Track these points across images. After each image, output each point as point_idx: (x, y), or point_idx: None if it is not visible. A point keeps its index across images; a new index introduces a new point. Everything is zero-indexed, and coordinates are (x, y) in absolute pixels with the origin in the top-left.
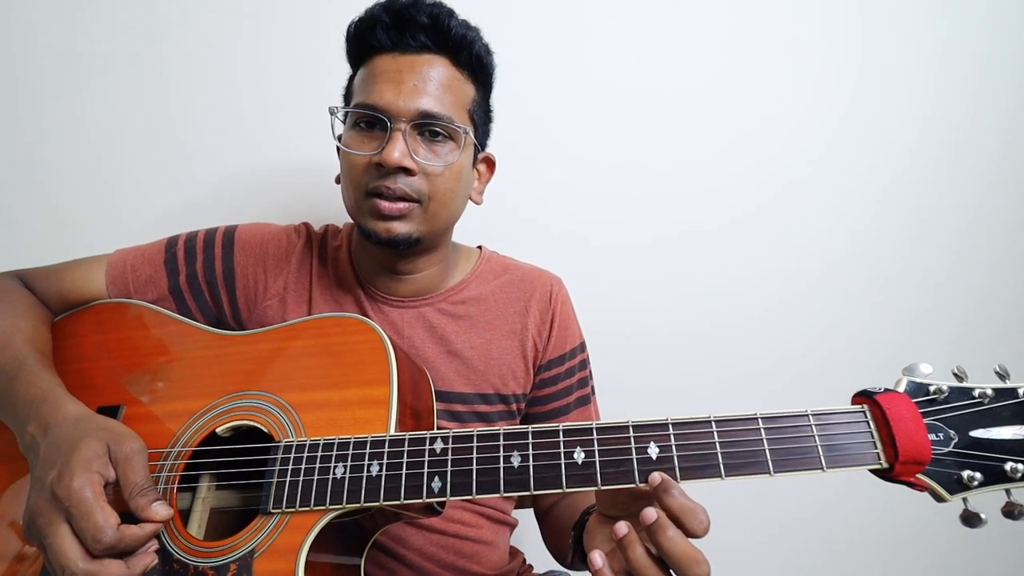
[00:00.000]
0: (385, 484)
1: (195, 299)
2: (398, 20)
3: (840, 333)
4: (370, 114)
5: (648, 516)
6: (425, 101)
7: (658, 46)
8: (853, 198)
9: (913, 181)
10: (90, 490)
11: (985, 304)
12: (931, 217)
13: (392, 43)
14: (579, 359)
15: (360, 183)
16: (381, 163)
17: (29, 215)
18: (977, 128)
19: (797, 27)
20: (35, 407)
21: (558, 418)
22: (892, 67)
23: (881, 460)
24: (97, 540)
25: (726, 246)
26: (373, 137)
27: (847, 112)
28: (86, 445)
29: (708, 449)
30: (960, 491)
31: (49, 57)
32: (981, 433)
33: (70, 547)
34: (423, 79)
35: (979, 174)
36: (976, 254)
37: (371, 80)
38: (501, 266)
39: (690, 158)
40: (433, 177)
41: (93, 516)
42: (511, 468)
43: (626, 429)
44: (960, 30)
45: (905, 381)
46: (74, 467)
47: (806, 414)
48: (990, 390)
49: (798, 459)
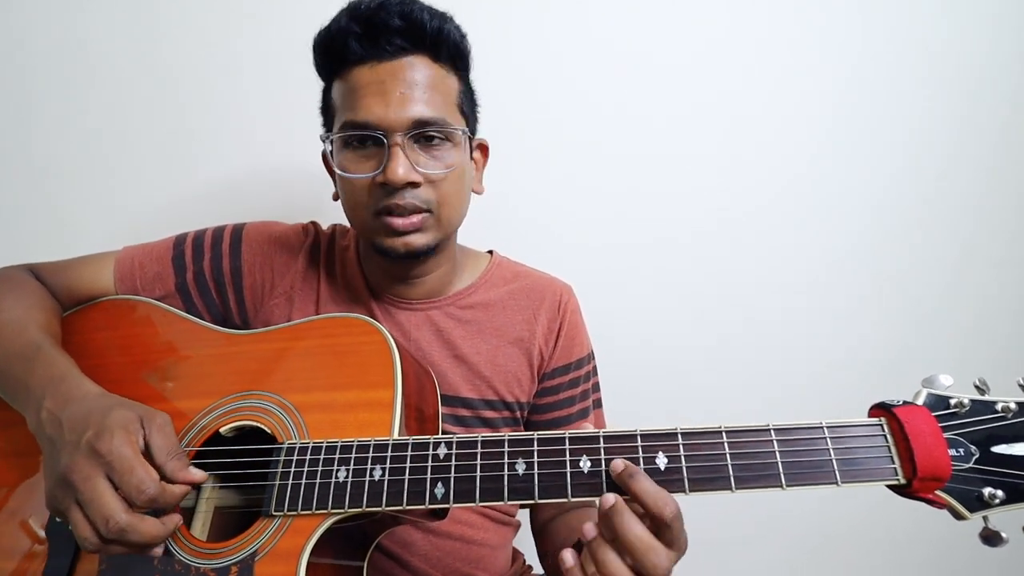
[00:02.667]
0: (388, 489)
1: (202, 297)
2: (369, 28)
3: (850, 335)
4: (363, 133)
5: (605, 502)
6: (416, 108)
7: (666, 46)
8: (864, 199)
9: (918, 180)
10: (130, 448)
11: (998, 303)
12: (945, 217)
13: (367, 53)
14: (585, 370)
15: (366, 204)
16: (386, 183)
17: (32, 215)
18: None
19: (800, 27)
20: (53, 385)
21: (559, 428)
22: (904, 68)
23: (899, 476)
24: (141, 491)
25: (735, 248)
26: (368, 155)
27: (875, 112)
28: (120, 411)
29: (718, 460)
30: (981, 509)
31: (51, 56)
32: (1004, 449)
33: (112, 499)
34: (408, 85)
35: (984, 174)
36: (990, 254)
37: (354, 95)
38: (512, 272)
39: (700, 160)
40: (439, 183)
41: (136, 471)
42: (516, 476)
43: (634, 438)
44: (962, 30)
45: (924, 393)
46: (113, 426)
47: (821, 426)
48: (1014, 404)
49: (812, 473)
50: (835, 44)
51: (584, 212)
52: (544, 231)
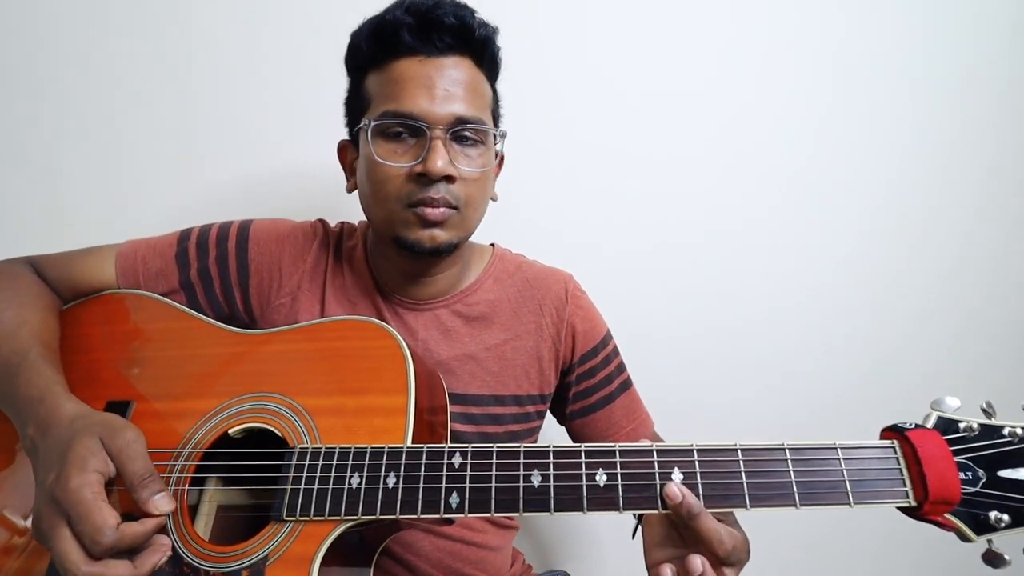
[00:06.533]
0: (402, 497)
1: (206, 294)
2: (424, 22)
3: (835, 332)
4: (405, 123)
5: (694, 568)
6: (458, 106)
7: (664, 48)
8: (871, 202)
9: (919, 184)
10: (88, 490)
11: (978, 305)
12: (929, 218)
13: (417, 46)
14: (612, 347)
15: (398, 195)
16: (425, 173)
17: (36, 213)
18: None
19: (800, 30)
20: (33, 408)
21: (605, 407)
22: (904, 68)
23: (910, 498)
24: (96, 542)
25: (738, 249)
26: (406, 147)
27: (877, 117)
28: (79, 443)
29: (734, 479)
30: (987, 532)
31: (57, 55)
32: (1010, 473)
33: (71, 549)
34: (453, 83)
35: (980, 174)
36: (972, 255)
37: (398, 86)
38: (514, 264)
39: (699, 160)
40: (468, 182)
41: (91, 517)
42: (531, 487)
43: (650, 453)
44: (962, 31)
45: (935, 416)
46: (70, 468)
47: (835, 447)
48: (1020, 429)
49: (825, 493)
50: (834, 44)
51: (582, 212)
52: (543, 231)
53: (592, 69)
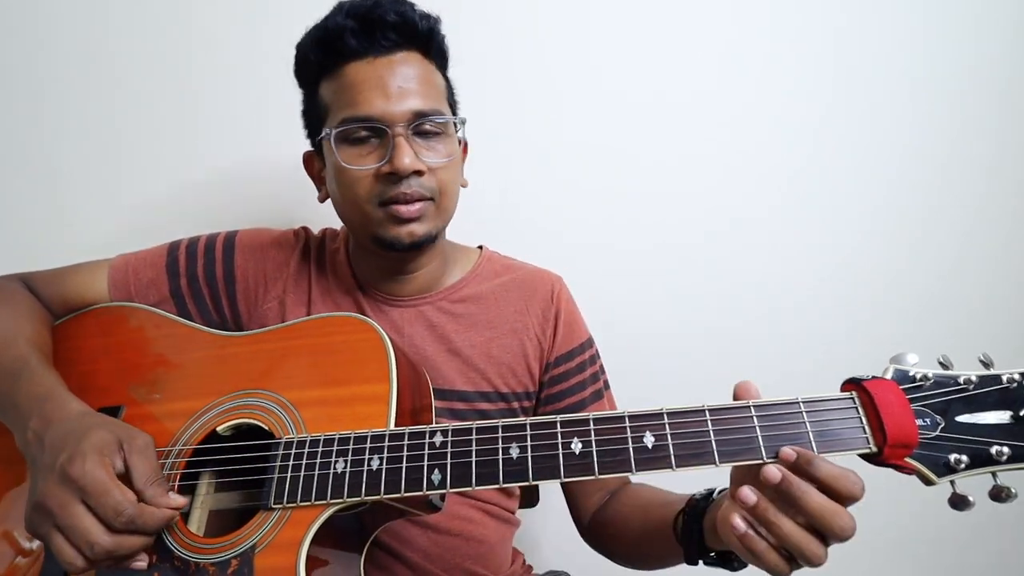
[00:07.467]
0: (386, 478)
1: (195, 302)
2: (366, 23)
3: (835, 333)
4: (365, 126)
5: (771, 475)
6: (414, 101)
7: (664, 48)
8: (871, 202)
9: (919, 184)
10: (103, 471)
11: (978, 305)
12: (928, 218)
13: (364, 48)
14: (589, 354)
15: (369, 196)
16: (394, 172)
17: (36, 213)
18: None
19: (801, 30)
20: (38, 404)
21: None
22: (902, 68)
23: (870, 444)
24: (119, 513)
25: (737, 250)
26: (370, 149)
27: (877, 117)
28: (97, 434)
29: (703, 437)
30: (948, 474)
31: (57, 55)
32: (967, 418)
33: (91, 523)
34: (406, 79)
35: (980, 174)
36: (971, 255)
37: (352, 90)
38: (502, 266)
39: (698, 160)
40: (438, 172)
41: (111, 493)
42: (510, 459)
43: (622, 419)
44: (962, 31)
45: (892, 369)
46: (86, 450)
47: (796, 401)
48: (975, 377)
49: (790, 445)
50: (835, 44)
51: (582, 212)
52: (543, 231)
53: (592, 69)
